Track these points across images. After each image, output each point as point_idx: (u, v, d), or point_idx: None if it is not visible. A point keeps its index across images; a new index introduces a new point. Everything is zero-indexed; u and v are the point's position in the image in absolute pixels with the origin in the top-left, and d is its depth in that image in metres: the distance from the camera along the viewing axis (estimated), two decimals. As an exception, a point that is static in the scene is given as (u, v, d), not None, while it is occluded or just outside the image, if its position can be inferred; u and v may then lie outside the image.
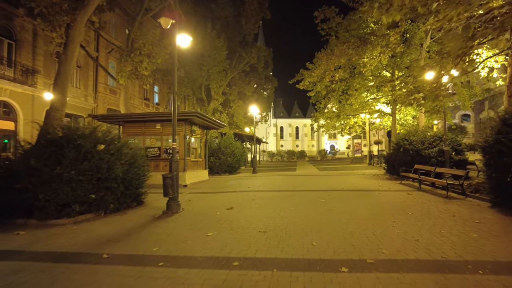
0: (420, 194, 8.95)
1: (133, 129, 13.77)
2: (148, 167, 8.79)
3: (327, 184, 12.19)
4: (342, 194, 9.10)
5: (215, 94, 25.46)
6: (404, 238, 4.56)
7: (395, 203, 7.51)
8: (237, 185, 12.64)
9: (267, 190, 10.67)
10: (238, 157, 20.10)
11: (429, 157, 12.18)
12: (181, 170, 12.85)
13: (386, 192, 9.39)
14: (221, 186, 12.73)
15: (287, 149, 68.26)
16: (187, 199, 9.00)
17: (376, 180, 13.03)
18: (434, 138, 12.58)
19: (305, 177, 15.99)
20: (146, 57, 16.10)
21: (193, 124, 14.12)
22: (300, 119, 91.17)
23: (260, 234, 4.98)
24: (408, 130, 13.94)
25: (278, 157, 57.25)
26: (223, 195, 9.87)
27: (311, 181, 13.67)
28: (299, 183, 12.69)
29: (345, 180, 13.62)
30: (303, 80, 20.34)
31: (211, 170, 19.05)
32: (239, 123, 28.65)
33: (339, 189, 10.27)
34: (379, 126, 27.98)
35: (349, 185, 11.58)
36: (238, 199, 8.70)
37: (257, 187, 11.73)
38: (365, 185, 11.31)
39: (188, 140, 14.06)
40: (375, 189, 10.24)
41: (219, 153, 19.21)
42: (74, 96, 21.00)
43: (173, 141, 7.33)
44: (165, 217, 6.71)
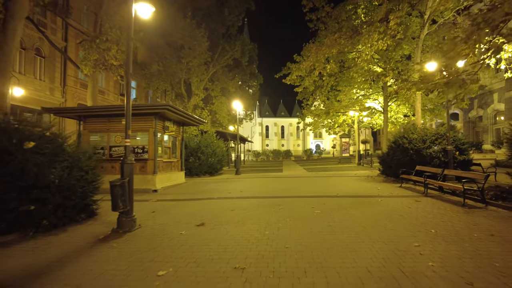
0: (430, 201, 7.59)
1: (95, 125, 11.85)
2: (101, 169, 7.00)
3: (318, 188, 10.72)
4: (339, 202, 7.62)
5: (196, 89, 23.64)
6: (449, 280, 3.07)
7: (406, 214, 6.08)
8: (216, 190, 10.99)
9: (251, 196, 9.07)
10: (220, 157, 18.42)
11: (431, 157, 10.94)
12: (150, 173, 11.11)
13: (389, 199, 7.98)
14: (198, 190, 11.04)
15: (272, 148, 67.04)
16: (151, 209, 7.29)
17: (372, 183, 11.69)
18: (436, 136, 11.35)
19: (293, 179, 14.50)
20: (115, 44, 14.17)
21: (166, 119, 12.34)
22: (285, 118, 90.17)
23: (236, 274, 3.37)
24: (407, 127, 12.68)
25: (264, 157, 55.85)
26: (197, 203, 8.20)
27: (300, 184, 12.19)
28: (287, 187, 11.17)
29: (337, 183, 12.22)
30: (290, 74, 18.91)
31: (190, 171, 17.30)
32: (222, 121, 26.88)
33: (334, 195, 8.80)
34: (368, 125, 26.92)
35: (343, 189, 10.15)
36: (214, 210, 7.06)
37: (239, 192, 10.12)
38: (362, 190, 9.91)
39: (160, 138, 12.28)
40: (375, 194, 8.83)
41: (199, 152, 17.47)
42: (37, 89, 18.74)
43: (126, 138, 5.62)
44: (113, 238, 5.01)
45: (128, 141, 5.70)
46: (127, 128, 5.71)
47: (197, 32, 21.61)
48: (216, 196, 9.37)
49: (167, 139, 13.16)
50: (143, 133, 11.59)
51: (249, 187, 11.61)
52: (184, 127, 15.13)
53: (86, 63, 13.67)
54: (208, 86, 26.21)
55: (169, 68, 23.84)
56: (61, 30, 21.17)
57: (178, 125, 13.79)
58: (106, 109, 11.75)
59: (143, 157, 11.37)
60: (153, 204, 8.27)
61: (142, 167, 11.36)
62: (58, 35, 20.72)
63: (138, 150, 11.47)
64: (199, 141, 17.90)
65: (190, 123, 14.23)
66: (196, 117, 13.50)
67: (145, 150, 11.39)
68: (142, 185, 11.08)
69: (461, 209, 6.51)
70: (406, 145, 11.39)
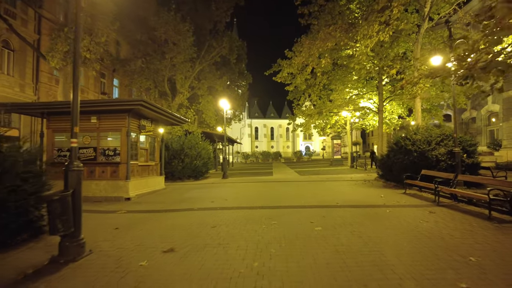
0: (446, 212, 6.49)
1: (60, 123, 10.36)
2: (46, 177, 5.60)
3: (314, 195, 9.53)
4: (341, 214, 6.44)
5: (181, 87, 22.22)
6: None
7: (426, 232, 4.94)
8: (198, 198, 9.67)
9: (237, 207, 7.80)
10: (206, 160, 17.07)
11: (437, 160, 9.92)
12: (122, 178, 9.71)
13: (398, 210, 6.86)
14: (177, 199, 9.69)
15: (262, 150, 65.92)
16: (115, 225, 5.94)
17: (372, 189, 10.60)
18: (441, 137, 10.35)
19: (285, 184, 13.30)
20: (87, 34, 12.71)
21: (143, 117, 10.96)
22: (275, 119, 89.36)
23: None
24: (410, 128, 11.67)
25: (253, 159, 54.65)
26: (173, 216, 6.88)
27: (293, 190, 10.99)
28: (279, 194, 9.94)
29: (334, 188, 11.08)
30: (280, 71, 17.75)
31: (173, 175, 15.91)
32: (209, 121, 25.49)
33: (333, 205, 7.62)
34: (360, 126, 26.05)
35: (342, 196, 8.99)
36: (191, 226, 5.76)
37: (224, 200, 8.83)
38: (363, 197, 8.77)
39: (135, 138, 10.89)
40: (380, 203, 7.71)
41: (182, 155, 16.09)
42: (4, 85, 17.04)
43: (72, 137, 4.30)
44: (46, 273, 3.66)
45: (75, 141, 4.36)
46: (74, 125, 4.37)
47: (182, 26, 20.23)
48: (196, 206, 8.06)
49: (144, 139, 11.77)
50: (115, 133, 10.18)
51: (236, 194, 10.33)
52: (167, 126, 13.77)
53: (54, 54, 12.14)
54: (195, 84, 24.81)
55: (152, 64, 22.37)
56: (33, 21, 19.46)
57: (157, 124, 12.40)
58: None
59: (115, 160, 9.96)
60: (121, 217, 6.90)
61: (113, 172, 9.95)
62: (29, 27, 19.01)
63: (109, 153, 10.05)
64: (183, 142, 16.52)
65: (171, 122, 12.85)
66: (177, 115, 12.15)
67: (117, 152, 9.97)
68: (113, 193, 9.68)
69: (489, 224, 5.41)
70: (409, 147, 10.34)
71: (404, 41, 14.99)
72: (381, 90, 18.34)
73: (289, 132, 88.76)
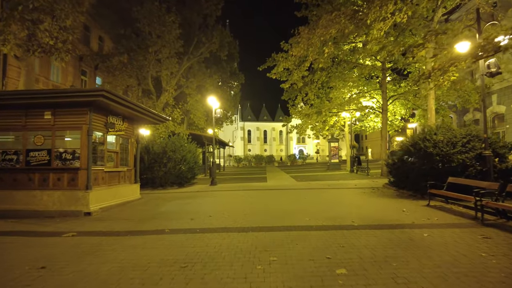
0: (505, 237, 4.79)
1: (6, 119, 8.39)
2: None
3: (321, 208, 7.75)
4: (366, 242, 4.67)
5: (166, 84, 20.32)
6: None
7: (504, 280, 3.21)
8: (176, 212, 7.79)
9: (222, 228, 5.96)
10: (192, 164, 15.16)
11: (464, 165, 8.28)
12: (82, 187, 7.82)
13: (437, 232, 5.13)
14: (150, 213, 7.79)
15: (255, 153, 64.18)
16: (44, 260, 4.04)
17: (387, 200, 8.88)
18: (467, 137, 8.72)
19: (282, 193, 11.51)
20: (48, 15, 10.78)
21: (111, 113, 9.06)
22: (268, 122, 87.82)
23: None
24: (428, 127, 10.03)
25: (246, 162, 52.77)
26: (133, 243, 5.00)
27: (294, 202, 9.19)
28: (276, 208, 8.12)
29: (342, 199, 9.32)
30: (275, 67, 16.07)
31: (153, 182, 14.00)
32: (197, 122, 23.57)
33: (350, 224, 5.85)
34: (360, 128, 24.49)
35: (356, 210, 7.23)
36: (151, 264, 3.91)
37: (207, 217, 6.97)
38: (382, 212, 7.03)
39: (101, 138, 8.98)
40: (407, 221, 5.97)
41: (165, 158, 14.17)
42: (-38, 81, 14.96)
43: None
44: None
45: None
46: None
47: (167, 17, 18.38)
48: (170, 225, 6.19)
49: (113, 140, 9.87)
50: (74, 131, 8.27)
51: (223, 207, 8.48)
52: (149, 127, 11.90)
53: (6, 37, 10.14)
54: (182, 82, 22.92)
55: (136, 61, 20.42)
56: (-1, 9, 17.39)
57: (131, 123, 10.50)
58: (19, 95, 8.29)
59: (73, 166, 8.03)
60: (63, 244, 5.01)
61: (71, 180, 8.02)
62: (-6, 14, 16.93)
63: (66, 156, 8.11)
64: (165, 144, 14.61)
65: (150, 121, 10.96)
66: (154, 112, 10.26)
67: (76, 156, 8.05)
68: (70, 206, 7.75)
69: None
70: (429, 150, 8.67)
71: (414, 30, 13.38)
72: (384, 88, 16.80)
73: (282, 135, 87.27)
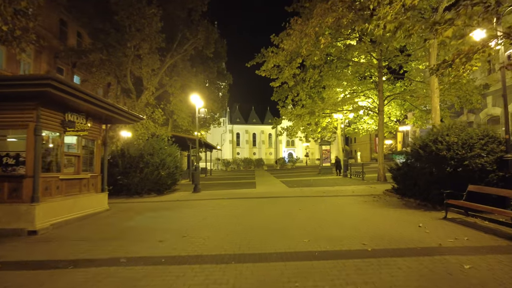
0: None
1: None
2: None
3: (319, 223, 6.44)
4: (389, 279, 3.39)
5: (147, 82, 18.77)
6: None
7: None
8: (144, 230, 6.35)
9: (196, 256, 4.57)
10: (172, 169, 13.68)
11: (483, 170, 7.16)
12: (27, 200, 6.32)
13: (477, 260, 3.91)
14: (112, 231, 6.32)
15: (243, 157, 62.73)
16: None
17: (393, 211, 7.67)
18: (485, 139, 7.63)
19: (273, 202, 10.17)
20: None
21: (70, 109, 7.56)
22: (257, 125, 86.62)
23: None
24: (439, 127, 8.90)
25: (234, 166, 51.30)
26: (75, 279, 3.59)
27: (286, 214, 7.86)
28: (266, 225, 6.76)
29: (342, 209, 8.06)
30: (265, 63, 14.83)
31: (129, 190, 12.47)
32: (181, 123, 21.99)
33: (361, 248, 4.56)
34: (353, 130, 23.49)
35: (363, 226, 5.96)
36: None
37: (181, 239, 5.57)
38: (394, 228, 5.78)
39: (55, 139, 7.48)
40: (432, 242, 4.75)
41: (141, 163, 12.67)
42: None
43: None
44: None
45: None
46: None
47: (147, 9, 16.92)
48: (131, 250, 4.77)
49: (75, 142, 8.36)
50: (18, 130, 6.74)
51: (202, 222, 7.07)
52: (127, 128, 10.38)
53: None
54: (165, 81, 21.34)
55: (115, 57, 18.83)
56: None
57: (97, 122, 8.99)
58: None
59: (17, 173, 6.49)
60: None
61: (13, 191, 6.48)
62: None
63: (8, 161, 6.57)
64: (142, 147, 13.11)
65: (120, 119, 9.45)
66: (123, 109, 8.77)
67: (21, 161, 6.52)
68: (9, 223, 6.21)
69: None
70: (443, 153, 7.53)
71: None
72: (381, 87, 15.79)
73: (271, 138, 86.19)
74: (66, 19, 23.47)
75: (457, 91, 14.15)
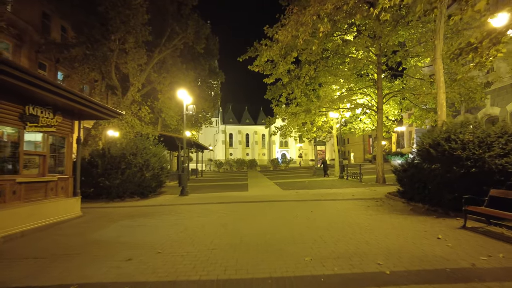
0: None
1: None
2: None
3: (322, 236, 5.51)
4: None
5: (133, 77, 17.67)
6: None
7: None
8: (112, 244, 5.33)
9: (170, 284, 3.61)
10: (158, 170, 12.63)
11: (504, 171, 6.34)
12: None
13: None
14: (72, 246, 5.26)
15: (236, 157, 61.68)
16: None
17: (403, 218, 6.80)
18: (505, 137, 6.81)
19: (266, 207, 9.23)
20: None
21: (31, 102, 6.50)
22: (251, 125, 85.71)
23: None
24: (451, 124, 8.07)
25: (227, 167, 50.25)
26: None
27: (282, 223, 6.92)
28: (259, 237, 5.82)
29: (346, 218, 7.14)
30: (258, 58, 13.92)
31: (109, 193, 11.40)
32: (170, 122, 20.88)
33: (377, 272, 3.64)
34: (349, 130, 22.71)
35: (375, 241, 5.04)
36: None
37: (154, 256, 4.58)
38: (412, 242, 4.88)
39: (12, 136, 6.42)
40: (463, 263, 3.86)
41: (123, 163, 11.61)
42: None
43: None
44: None
45: None
46: None
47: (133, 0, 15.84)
48: (89, 273, 3.77)
49: (39, 139, 7.29)
50: (-36, 125, 5.68)
51: (183, 233, 6.06)
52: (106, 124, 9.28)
53: None
54: (154, 78, 20.25)
55: (99, 51, 17.69)
56: None
57: (68, 117, 7.93)
58: None
59: (-39, 176, 5.43)
60: None
61: (-44, 197, 5.41)
62: None
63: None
64: (125, 146, 12.04)
65: (94, 114, 8.38)
66: (96, 102, 7.70)
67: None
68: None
69: None
70: (457, 152, 6.70)
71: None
72: (380, 84, 15.00)
73: (265, 139, 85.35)
74: (49, 12, 22.20)
75: (460, 88, 13.42)
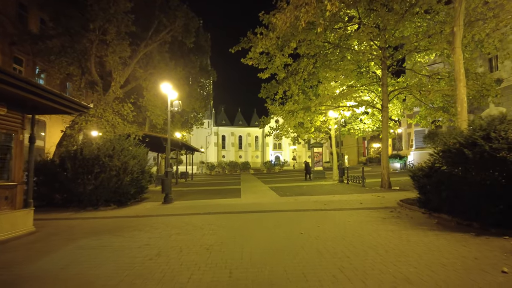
0: None
1: None
2: None
3: (337, 268, 4.07)
4: None
5: (115, 72, 16.10)
6: None
7: None
8: (52, 280, 3.84)
9: None
10: (138, 174, 11.10)
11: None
12: None
13: None
14: None
15: (229, 160, 60.19)
16: None
17: (434, 236, 5.43)
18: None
19: (261, 219, 7.79)
20: None
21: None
22: (244, 127, 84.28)
23: None
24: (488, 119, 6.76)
25: (219, 169, 48.68)
26: None
27: (283, 245, 5.49)
28: (253, 266, 4.40)
29: (361, 236, 5.72)
30: (251, 49, 12.57)
31: (80, 201, 9.85)
32: (155, 121, 19.29)
33: None
34: (348, 131, 21.47)
35: (415, 276, 3.59)
36: None
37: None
38: (467, 280, 3.52)
39: None
40: None
41: (96, 167, 10.05)
42: None
43: None
44: None
45: None
46: None
47: (114, -15, 14.32)
48: None
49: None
50: None
51: (153, 262, 4.57)
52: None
53: None
54: (139, 74, 18.69)
55: (79, 44, 16.11)
56: None
57: (18, 109, 6.39)
58: None
59: None
60: None
61: None
62: None
63: None
64: (100, 146, 10.49)
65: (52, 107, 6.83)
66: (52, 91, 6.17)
67: None
68: None
69: None
70: (501, 154, 5.39)
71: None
72: (385, 80, 13.78)
73: (258, 141, 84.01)
74: (25, 3, 20.53)
75: (474, 84, 12.28)
